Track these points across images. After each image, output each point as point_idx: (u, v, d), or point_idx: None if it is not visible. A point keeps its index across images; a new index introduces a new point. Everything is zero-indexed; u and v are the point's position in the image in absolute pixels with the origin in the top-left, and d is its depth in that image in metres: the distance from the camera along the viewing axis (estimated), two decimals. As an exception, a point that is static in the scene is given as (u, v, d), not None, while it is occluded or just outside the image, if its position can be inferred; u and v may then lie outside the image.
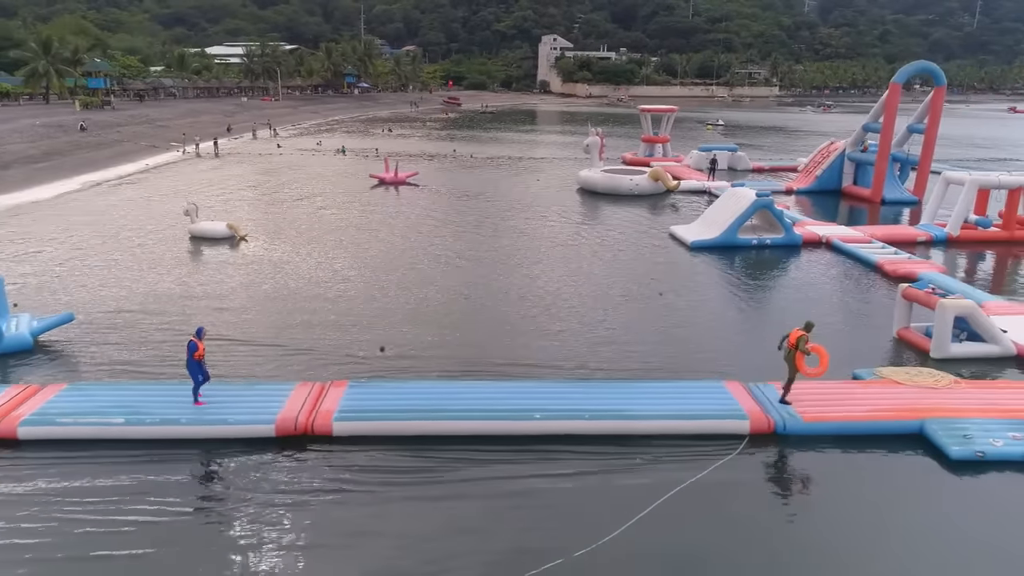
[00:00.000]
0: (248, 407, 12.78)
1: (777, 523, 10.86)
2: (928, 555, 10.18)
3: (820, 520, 10.94)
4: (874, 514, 11.12)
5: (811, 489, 11.86)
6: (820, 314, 20.12)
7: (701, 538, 10.31)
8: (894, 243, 28.33)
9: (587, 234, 30.30)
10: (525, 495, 11.21)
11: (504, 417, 12.88)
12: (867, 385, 14.76)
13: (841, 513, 11.12)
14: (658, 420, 13.03)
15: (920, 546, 10.39)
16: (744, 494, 11.46)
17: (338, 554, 9.72)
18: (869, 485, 11.97)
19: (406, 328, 18.42)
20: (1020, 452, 12.37)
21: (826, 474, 12.28)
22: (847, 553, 10.13)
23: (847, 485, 11.94)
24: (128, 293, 20.84)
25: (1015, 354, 16.92)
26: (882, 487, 11.92)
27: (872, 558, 10.02)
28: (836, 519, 10.96)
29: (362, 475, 11.58)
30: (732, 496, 11.34)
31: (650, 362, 16.56)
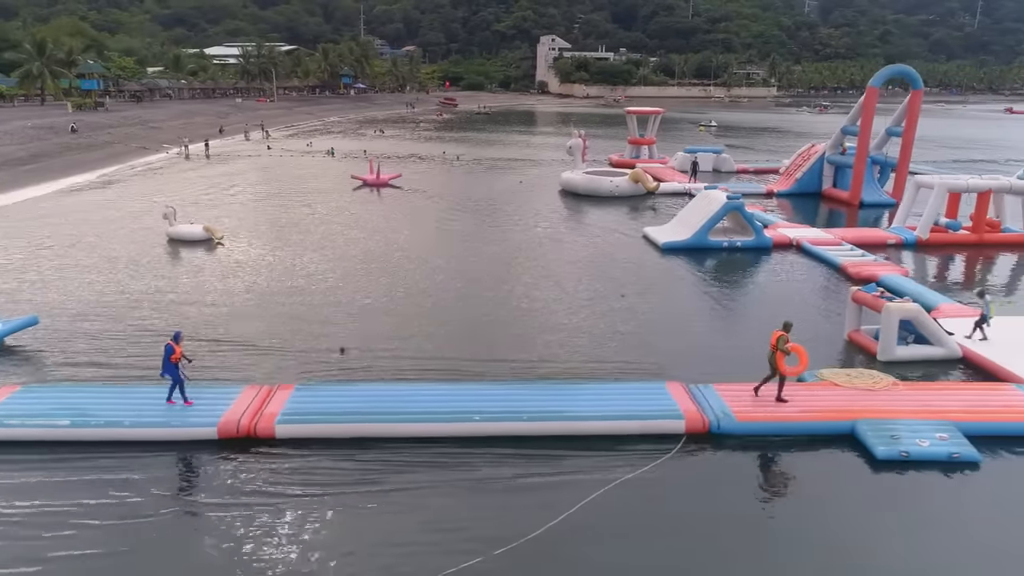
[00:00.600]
0: (194, 409, 13.12)
1: (701, 521, 11.11)
2: (846, 553, 10.44)
3: (743, 518, 11.21)
4: (797, 512, 11.47)
5: (738, 488, 12.11)
6: (778, 316, 20.50)
7: (622, 538, 10.61)
8: (864, 246, 28.61)
9: (561, 235, 30.64)
10: (454, 496, 11.52)
11: (444, 419, 13.20)
12: (806, 387, 15.07)
13: (765, 511, 11.46)
14: (595, 421, 13.37)
15: (838, 544, 10.67)
16: (671, 493, 11.76)
17: (263, 559, 10.00)
18: (796, 484, 12.32)
19: (369, 329, 18.77)
20: (945, 452, 12.68)
21: (755, 473, 12.59)
22: (767, 550, 10.43)
23: (774, 484, 12.29)
24: (96, 296, 21.20)
25: (960, 356, 17.21)
26: (808, 486, 12.25)
27: (791, 556, 10.31)
28: (759, 517, 11.28)
29: (297, 478, 11.88)
30: (658, 496, 11.66)
31: (600, 363, 16.89)
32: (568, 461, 12.56)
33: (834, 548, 10.57)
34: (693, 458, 12.89)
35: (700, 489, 11.97)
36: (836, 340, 18.71)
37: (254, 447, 12.72)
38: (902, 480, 12.33)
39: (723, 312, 21.34)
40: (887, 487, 12.19)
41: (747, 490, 12.00)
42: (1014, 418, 13.73)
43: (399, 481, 11.87)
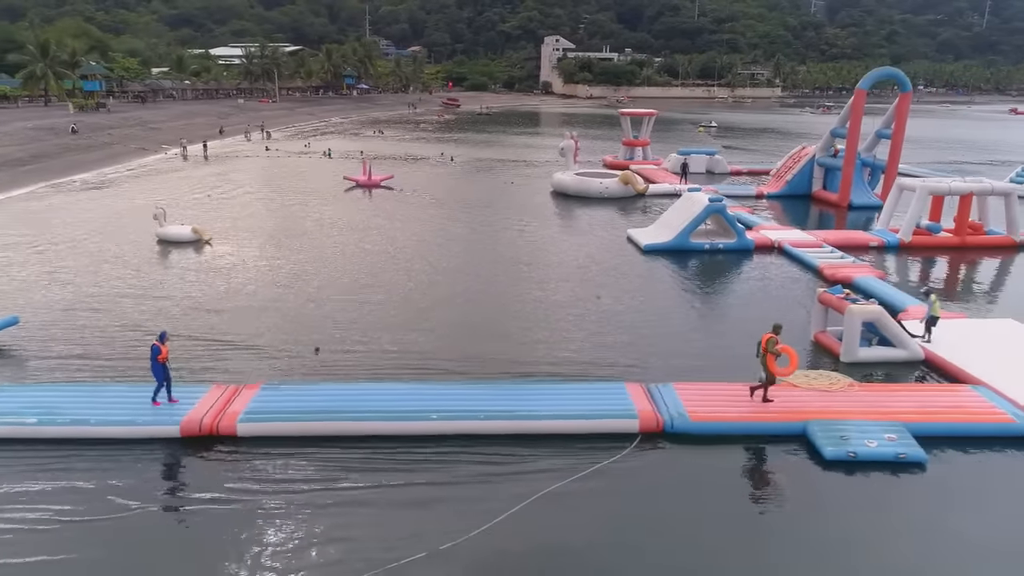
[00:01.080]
0: (158, 408, 13.48)
1: (650, 519, 11.32)
2: (792, 552, 10.69)
3: (687, 517, 11.47)
4: (745, 510, 11.70)
5: (685, 487, 12.38)
6: (749, 317, 20.89)
7: (566, 536, 10.88)
8: (847, 248, 28.84)
9: (544, 236, 30.95)
10: (403, 493, 11.83)
11: (402, 418, 13.54)
12: (762, 387, 15.31)
13: (708, 510, 11.69)
14: (549, 420, 13.66)
15: (784, 543, 10.92)
16: (617, 491, 12.03)
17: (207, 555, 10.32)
18: (743, 483, 12.58)
19: (345, 329, 19.13)
20: (892, 453, 12.93)
21: (704, 473, 12.85)
22: (714, 549, 10.68)
23: (721, 484, 12.51)
24: (80, 296, 21.60)
25: (923, 358, 17.43)
26: (755, 485, 12.54)
27: (738, 554, 10.56)
28: (702, 516, 11.51)
29: (253, 475, 12.22)
30: (608, 493, 11.94)
31: (567, 363, 17.19)
32: (520, 460, 12.84)
33: (773, 547, 10.82)
34: (646, 457, 13.16)
35: (646, 488, 12.22)
36: (804, 341, 18.94)
37: (216, 445, 13.08)
38: (849, 480, 12.58)
39: (696, 313, 21.60)
40: (834, 487, 12.44)
41: (694, 489, 12.27)
42: (963, 419, 13.97)
43: (353, 479, 12.16)
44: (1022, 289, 25.40)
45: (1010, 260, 28.53)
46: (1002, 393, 14.94)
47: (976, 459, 13.32)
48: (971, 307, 22.17)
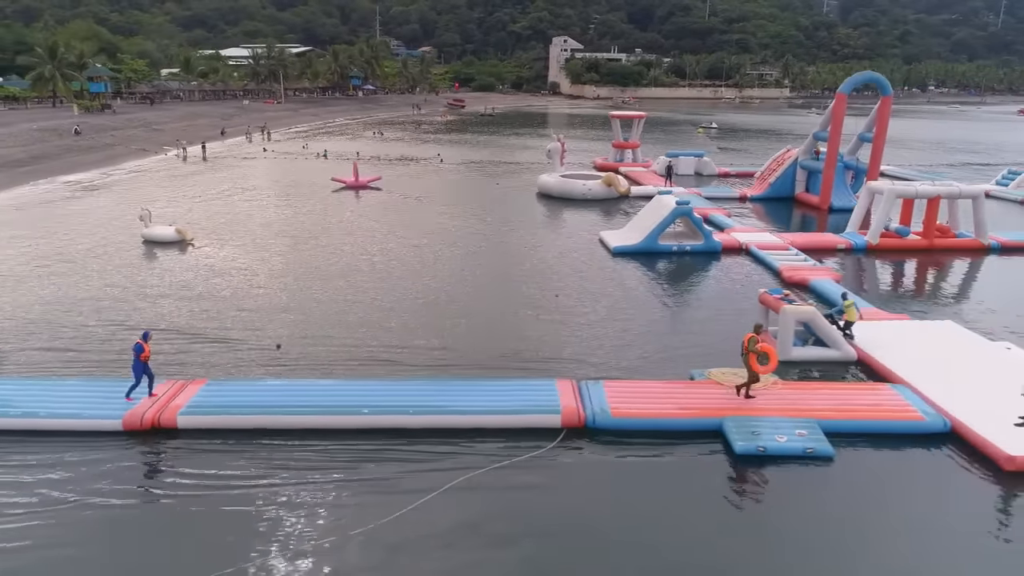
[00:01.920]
0: (107, 402, 14.28)
1: (563, 511, 11.92)
2: (697, 543, 11.25)
3: (603, 508, 12.07)
4: (651, 503, 12.25)
5: (600, 480, 12.99)
6: (701, 318, 21.61)
7: (471, 526, 11.53)
8: (815, 250, 29.34)
9: (519, 237, 31.58)
10: (327, 483, 12.55)
11: (335, 412, 14.26)
12: (689, 385, 15.95)
13: (621, 500, 12.29)
14: (475, 415, 14.33)
15: (690, 534, 11.48)
16: (534, 484, 12.66)
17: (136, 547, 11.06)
18: (657, 477, 13.13)
19: (310, 326, 19.95)
20: (800, 448, 13.51)
21: (620, 465, 13.47)
22: (614, 539, 11.27)
23: (637, 475, 13.11)
24: (61, 293, 22.52)
25: (856, 358, 17.95)
26: (667, 479, 13.08)
27: (634, 545, 11.18)
28: (617, 506, 12.12)
29: (187, 468, 12.95)
30: (520, 485, 12.57)
31: (511, 359, 17.87)
32: (439, 454, 13.49)
33: (680, 539, 11.37)
34: (565, 451, 13.80)
35: (559, 481, 12.86)
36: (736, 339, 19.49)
37: (157, 438, 13.84)
38: (758, 474, 13.16)
39: (650, 313, 22.11)
40: (741, 480, 13.03)
41: (604, 482, 12.89)
42: (875, 416, 14.51)
43: (280, 470, 12.83)
44: (974, 291, 25.78)
45: (974, 263, 28.89)
46: (920, 392, 15.46)
47: (882, 455, 13.85)
48: (918, 308, 22.60)
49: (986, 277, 27.38)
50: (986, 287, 26.22)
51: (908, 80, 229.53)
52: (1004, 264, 28.72)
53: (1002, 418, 14.19)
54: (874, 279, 26.78)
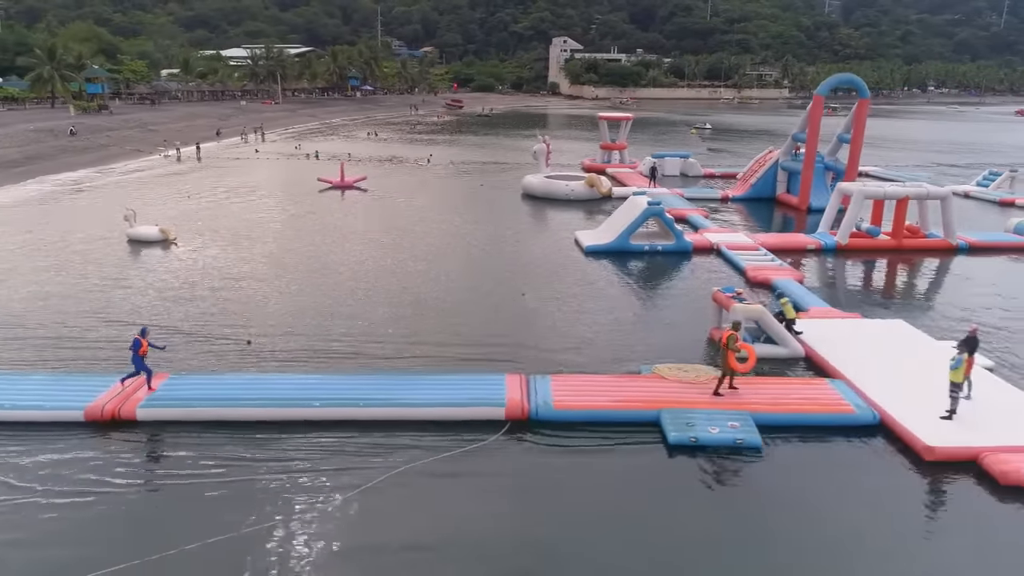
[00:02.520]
0: (71, 395, 14.94)
1: (494, 501, 12.51)
2: (627, 530, 11.76)
3: (535, 495, 12.68)
4: (584, 491, 12.82)
5: (537, 469, 13.59)
6: (660, 315, 22.21)
7: (404, 515, 12.16)
8: (786, 250, 29.93)
9: (497, 236, 32.16)
10: (276, 472, 13.19)
11: (288, 405, 14.90)
12: (634, 379, 16.55)
13: (552, 488, 12.88)
14: (424, 408, 14.95)
15: (612, 520, 12.02)
16: (473, 474, 13.26)
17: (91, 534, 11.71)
18: (592, 466, 13.72)
19: (282, 323, 20.63)
20: (730, 439, 14.10)
21: (558, 455, 14.06)
22: (543, 522, 11.90)
23: (571, 465, 13.70)
24: (43, 290, 23.22)
25: (803, 355, 18.53)
26: (603, 468, 13.66)
27: (562, 529, 11.79)
28: (549, 494, 12.71)
29: (144, 457, 13.63)
30: (460, 473, 13.19)
31: (471, 353, 18.54)
32: (389, 445, 14.10)
33: (607, 523, 11.91)
34: (507, 442, 14.39)
35: (497, 470, 13.46)
36: (700, 336, 20.10)
37: (116, 429, 14.48)
38: (688, 463, 13.74)
39: (611, 310, 22.61)
40: (676, 469, 13.61)
41: (541, 471, 13.48)
42: (808, 409, 15.10)
43: (231, 459, 13.46)
44: (932, 291, 26.34)
45: (940, 263, 29.41)
46: (856, 387, 16.04)
47: (811, 446, 14.43)
48: (874, 307, 23.16)
49: (948, 277, 27.92)
50: (945, 287, 26.80)
51: (908, 80, 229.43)
52: (969, 264, 29.21)
53: (929, 412, 14.76)
54: (837, 278, 27.33)
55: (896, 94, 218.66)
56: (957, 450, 13.63)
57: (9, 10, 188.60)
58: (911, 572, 10.90)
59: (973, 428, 14.25)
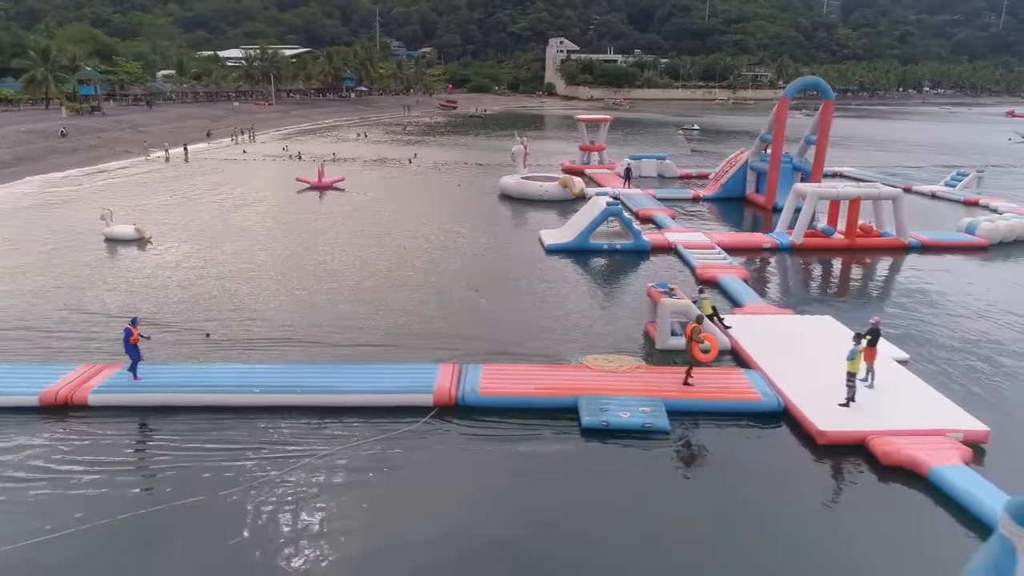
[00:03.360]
0: (29, 381, 16.03)
1: (416, 481, 13.54)
2: (545, 508, 12.74)
3: (453, 473, 13.72)
4: (500, 470, 13.86)
5: (458, 451, 14.63)
6: (605, 310, 23.23)
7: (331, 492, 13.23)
8: (742, 249, 30.98)
9: (467, 236, 33.13)
10: (212, 450, 14.25)
11: (229, 391, 15.96)
12: (561, 368, 17.60)
13: (473, 466, 13.93)
14: (358, 395, 16.00)
15: (536, 499, 12.98)
16: (398, 458, 14.30)
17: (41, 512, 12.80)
18: (510, 448, 14.74)
19: (241, 315, 21.72)
20: (639, 423, 15.13)
21: (479, 437, 15.10)
22: (460, 499, 12.94)
23: (490, 447, 14.74)
24: (15, 287, 24.34)
25: (729, 347, 19.54)
26: (518, 449, 14.69)
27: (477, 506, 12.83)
28: (467, 470, 13.77)
29: (90, 441, 14.64)
30: (383, 454, 14.26)
31: (411, 343, 19.61)
32: (323, 430, 15.17)
33: (523, 501, 12.90)
34: (434, 426, 15.44)
35: (421, 452, 14.51)
36: (637, 330, 21.14)
37: (69, 413, 15.56)
38: (601, 445, 14.78)
39: (560, 305, 23.61)
40: (587, 450, 14.65)
41: (462, 453, 14.54)
42: (718, 396, 16.13)
43: (172, 439, 14.55)
44: (871, 288, 27.39)
45: (890, 261, 30.41)
46: (768, 377, 17.07)
47: (715, 430, 15.45)
48: (810, 303, 24.17)
49: (889, 274, 28.93)
50: (883, 284, 27.85)
51: (904, 81, 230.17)
52: (917, 262, 30.18)
53: (830, 400, 15.78)
54: (781, 276, 28.35)
55: (891, 95, 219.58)
56: (846, 434, 14.65)
57: (9, 11, 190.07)
58: (795, 540, 11.88)
59: (865, 414, 15.26)
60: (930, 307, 24.02)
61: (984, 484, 12.93)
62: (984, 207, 42.48)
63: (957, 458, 13.74)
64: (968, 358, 19.51)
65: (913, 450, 13.90)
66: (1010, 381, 18.08)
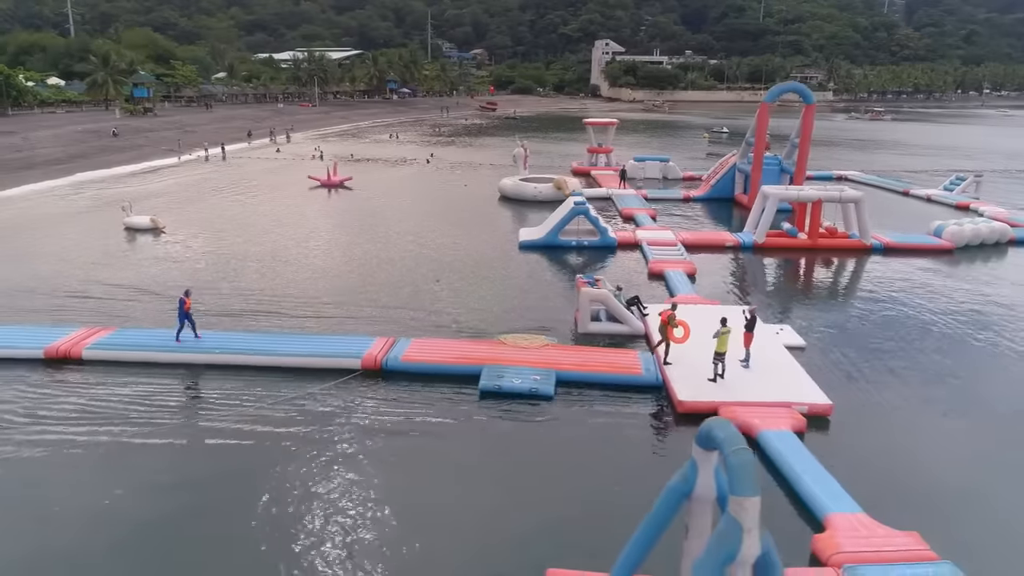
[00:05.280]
0: (38, 339, 19.63)
1: (342, 428, 16.55)
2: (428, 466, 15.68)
3: (367, 422, 16.66)
4: (406, 420, 16.66)
5: (379, 404, 17.49)
6: (547, 299, 25.73)
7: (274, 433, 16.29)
8: (706, 247, 33.14)
9: (453, 232, 35.96)
10: (182, 399, 17.49)
11: (198, 351, 19.24)
12: (479, 343, 20.30)
13: (385, 419, 16.78)
14: (301, 357, 19.06)
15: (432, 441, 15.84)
16: (315, 403, 17.31)
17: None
18: (413, 404, 17.53)
19: (229, 294, 25.12)
20: (527, 388, 17.72)
21: (400, 397, 17.90)
22: (364, 456, 15.89)
23: (403, 402, 17.53)
24: (40, 266, 28.35)
25: (643, 332, 21.91)
26: (422, 406, 17.45)
27: (376, 460, 15.76)
28: (379, 422, 16.65)
29: (83, 389, 18.11)
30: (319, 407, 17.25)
31: (363, 319, 22.64)
32: (264, 382, 18.28)
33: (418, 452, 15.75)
34: (361, 385, 18.36)
35: (343, 404, 17.46)
36: (569, 316, 23.65)
37: (67, 365, 19.07)
38: (493, 405, 17.45)
39: (511, 293, 26.23)
40: (478, 408, 17.35)
41: (374, 409, 17.41)
42: (605, 370, 18.59)
43: (151, 390, 17.86)
44: (813, 284, 29.26)
45: (847, 261, 32.06)
46: (659, 356, 19.43)
47: (599, 397, 17.88)
48: (741, 295, 26.26)
49: (834, 273, 30.69)
50: (820, 281, 29.76)
51: (962, 83, 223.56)
52: (875, 263, 31.70)
53: (701, 376, 18.10)
54: (730, 272, 30.33)
55: (948, 97, 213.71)
56: (701, 404, 16.95)
57: (85, 15, 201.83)
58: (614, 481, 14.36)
59: (727, 389, 17.55)
60: (857, 302, 25.88)
61: (797, 444, 15.16)
62: (973, 211, 43.32)
63: (787, 426, 15.95)
64: (864, 350, 21.33)
65: (749, 417, 16.16)
66: (892, 375, 19.97)
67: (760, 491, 8.72)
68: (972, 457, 15.53)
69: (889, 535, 12.16)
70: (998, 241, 35.31)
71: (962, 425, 16.97)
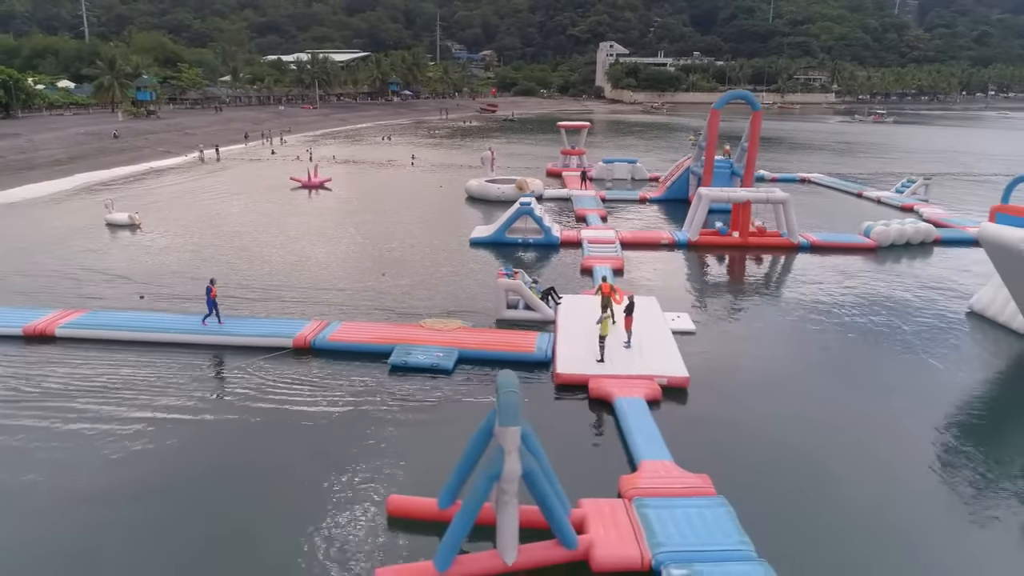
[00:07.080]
0: (18, 318, 22.78)
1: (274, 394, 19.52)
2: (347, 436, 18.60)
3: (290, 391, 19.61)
4: (327, 394, 19.61)
5: (301, 376, 20.45)
6: (477, 290, 28.49)
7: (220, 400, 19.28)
8: (643, 244, 35.84)
9: (412, 230, 38.96)
10: (141, 371, 20.52)
11: (156, 331, 22.31)
12: (400, 327, 23.18)
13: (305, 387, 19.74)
14: (242, 337, 22.05)
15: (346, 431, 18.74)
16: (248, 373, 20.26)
17: None
18: (331, 379, 20.44)
19: (186, 281, 28.19)
20: (429, 363, 20.57)
21: (322, 370, 20.83)
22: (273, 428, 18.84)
23: (323, 376, 20.47)
24: (21, 256, 31.61)
25: (553, 318, 24.68)
26: (338, 380, 20.36)
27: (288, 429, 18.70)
28: (298, 391, 19.59)
29: (55, 364, 21.21)
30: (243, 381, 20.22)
31: (312, 305, 25.62)
32: (204, 359, 21.29)
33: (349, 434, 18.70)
34: (293, 360, 21.32)
35: (274, 376, 20.42)
36: (490, 305, 26.43)
37: (41, 342, 22.20)
38: (400, 378, 20.32)
39: (445, 285, 29.05)
40: (388, 381, 20.21)
41: (295, 382, 20.35)
42: (501, 348, 21.39)
43: (115, 362, 20.89)
44: (727, 279, 31.86)
45: (772, 258, 34.64)
46: (557, 338, 22.19)
47: (488, 371, 20.73)
48: (654, 288, 28.97)
49: (754, 268, 33.28)
50: (743, 276, 32.35)
51: (968, 85, 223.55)
52: (798, 260, 34.25)
53: (587, 356, 20.85)
54: (657, 267, 32.98)
55: (952, 98, 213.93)
56: (572, 376, 19.69)
57: (100, 17, 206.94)
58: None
59: (601, 366, 20.27)
60: (761, 293, 28.55)
61: (643, 408, 17.88)
62: (916, 212, 45.74)
63: (640, 394, 18.67)
64: (744, 333, 24.05)
65: (610, 387, 18.93)
66: (759, 353, 22.66)
67: (520, 423, 11.61)
68: (790, 418, 18.16)
69: (683, 476, 14.88)
70: (923, 241, 37.67)
71: (797, 390, 19.67)
